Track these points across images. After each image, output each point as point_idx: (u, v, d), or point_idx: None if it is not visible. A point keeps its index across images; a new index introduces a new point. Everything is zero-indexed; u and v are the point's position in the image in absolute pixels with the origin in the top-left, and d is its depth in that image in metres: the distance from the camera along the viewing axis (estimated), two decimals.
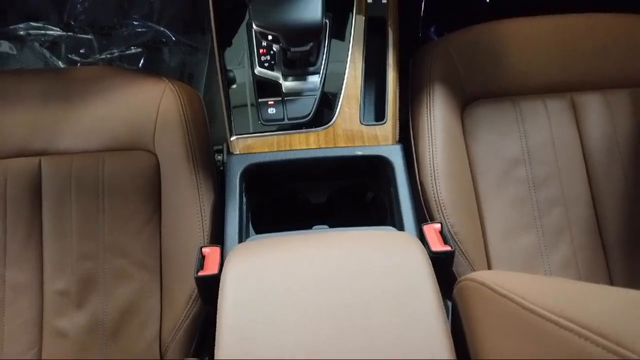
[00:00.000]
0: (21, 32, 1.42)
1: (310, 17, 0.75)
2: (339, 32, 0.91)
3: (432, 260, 0.62)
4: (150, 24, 1.46)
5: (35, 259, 0.84)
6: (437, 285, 0.59)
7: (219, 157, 1.03)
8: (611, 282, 0.86)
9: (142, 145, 0.88)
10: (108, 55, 1.43)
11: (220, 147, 1.01)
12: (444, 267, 0.72)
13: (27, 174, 0.86)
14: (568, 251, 0.86)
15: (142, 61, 1.44)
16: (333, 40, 0.91)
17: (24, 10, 1.45)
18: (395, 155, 0.85)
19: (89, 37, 1.44)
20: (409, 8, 1.48)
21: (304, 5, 0.74)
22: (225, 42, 0.92)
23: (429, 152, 0.86)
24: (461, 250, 0.80)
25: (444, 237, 0.75)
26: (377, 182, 0.91)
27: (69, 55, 1.43)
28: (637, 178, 0.89)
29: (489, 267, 0.85)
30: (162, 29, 1.46)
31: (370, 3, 0.91)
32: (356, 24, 0.91)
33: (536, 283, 0.53)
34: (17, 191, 0.85)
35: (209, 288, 0.67)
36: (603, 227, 0.88)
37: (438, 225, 0.77)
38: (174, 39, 1.46)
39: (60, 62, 1.41)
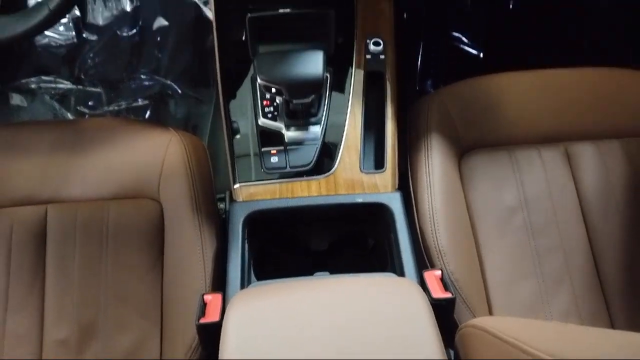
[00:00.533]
0: (33, 86, 1.48)
1: (312, 72, 0.79)
2: (339, 84, 0.96)
3: (433, 307, 0.62)
4: (157, 77, 1.52)
5: (37, 306, 0.84)
6: (439, 333, 0.59)
7: (222, 205, 1.05)
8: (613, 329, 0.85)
9: (147, 193, 0.90)
10: (116, 108, 1.48)
11: (223, 195, 1.03)
12: (445, 314, 0.72)
13: (33, 222, 0.87)
14: (569, 299, 0.86)
15: (148, 113, 1.49)
16: (334, 92, 0.94)
17: (36, 64, 1.51)
18: (395, 203, 0.87)
19: (98, 90, 1.49)
20: (406, 62, 1.55)
21: (306, 61, 0.79)
22: (230, 94, 0.96)
23: (428, 199, 0.88)
24: (462, 297, 0.80)
25: (444, 283, 0.75)
26: (378, 229, 0.93)
27: (78, 108, 1.47)
28: (634, 226, 0.90)
29: (490, 314, 0.84)
30: (168, 82, 1.52)
31: (369, 58, 0.96)
32: (355, 78, 0.95)
33: (538, 328, 0.54)
34: (22, 239, 0.86)
35: (210, 336, 0.67)
36: (603, 275, 0.88)
37: (439, 272, 0.78)
38: (179, 91, 1.52)
39: (69, 114, 1.46)
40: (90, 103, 1.48)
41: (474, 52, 1.57)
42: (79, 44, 1.55)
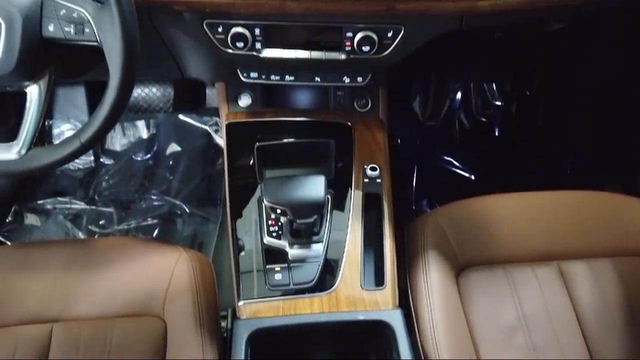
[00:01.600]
0: (48, 206, 1.56)
1: (315, 195, 0.86)
2: (340, 205, 1.02)
3: None
4: (167, 198, 1.61)
5: None
6: None
7: (223, 323, 1.06)
8: None
9: (152, 311, 0.92)
10: (125, 227, 1.54)
11: (225, 313, 1.04)
12: None
13: (37, 341, 0.88)
14: None
15: (156, 231, 1.55)
16: (334, 213, 1.01)
17: (54, 186, 1.61)
18: (395, 320, 0.88)
19: (110, 210, 1.57)
20: (402, 183, 1.64)
21: (309, 185, 0.86)
22: (237, 214, 1.02)
23: (429, 316, 0.89)
24: None
25: None
26: (380, 346, 0.93)
27: (89, 227, 1.54)
28: (634, 343, 0.90)
29: None
30: (178, 202, 1.60)
31: (367, 182, 1.03)
32: (354, 199, 1.02)
33: None
34: (25, 357, 0.86)
35: None
36: None
37: None
38: (188, 211, 1.59)
39: (80, 233, 1.52)
40: (101, 222, 1.55)
41: (466, 174, 1.67)
42: (96, 168, 1.66)
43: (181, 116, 1.73)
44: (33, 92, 0.76)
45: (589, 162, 1.60)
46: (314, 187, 0.86)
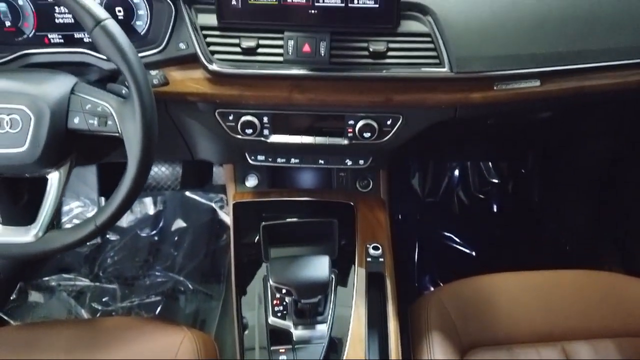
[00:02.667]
0: (53, 283, 1.57)
1: (319, 275, 0.88)
2: (344, 284, 1.04)
3: None
4: (171, 274, 1.62)
5: None
6: None
7: None
8: None
9: None
10: (128, 304, 1.54)
11: None
12: None
13: None
14: None
15: (159, 309, 1.54)
16: (339, 291, 1.02)
17: (59, 263, 1.62)
18: None
19: (114, 286, 1.58)
20: (404, 258, 1.66)
21: (314, 265, 0.89)
22: (242, 291, 1.03)
23: None
24: None
25: None
26: None
27: (92, 304, 1.53)
28: None
29: None
30: (181, 278, 1.61)
31: (369, 261, 1.05)
32: (358, 278, 1.04)
33: None
34: None
35: None
36: None
37: None
38: (191, 287, 1.59)
39: (83, 310, 1.51)
40: (104, 299, 1.55)
41: (467, 250, 1.69)
42: (102, 244, 1.69)
43: (188, 193, 1.78)
44: (53, 178, 0.81)
45: (588, 238, 1.62)
46: (319, 267, 0.88)
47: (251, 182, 1.18)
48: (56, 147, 0.77)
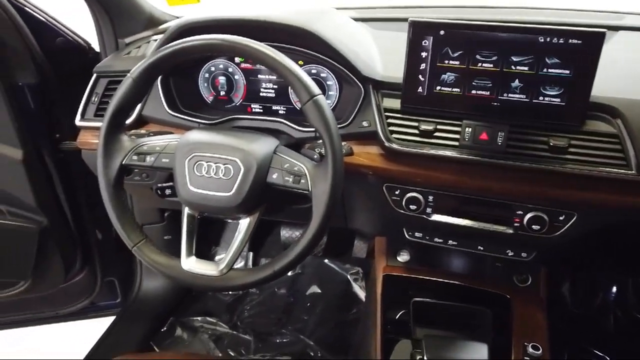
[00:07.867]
0: (197, 324, 1.70)
1: None
2: None
3: None
4: (302, 337, 1.66)
5: None
6: None
7: None
8: None
9: None
10: (260, 357, 1.60)
11: None
12: None
13: None
14: None
15: None
16: None
17: (204, 306, 1.77)
18: None
19: (249, 338, 1.65)
20: None
21: (472, 350, 0.87)
22: None
23: None
24: None
25: None
26: None
27: (229, 350, 1.62)
28: None
29: None
30: (311, 343, 1.63)
31: None
32: None
33: None
34: None
35: None
36: None
37: None
38: (319, 354, 1.61)
39: (220, 354, 1.60)
40: (239, 349, 1.63)
41: None
42: (242, 295, 1.80)
43: (326, 261, 1.85)
44: (244, 224, 0.92)
45: None
46: (477, 354, 0.86)
47: (403, 257, 1.20)
48: (254, 196, 0.88)
